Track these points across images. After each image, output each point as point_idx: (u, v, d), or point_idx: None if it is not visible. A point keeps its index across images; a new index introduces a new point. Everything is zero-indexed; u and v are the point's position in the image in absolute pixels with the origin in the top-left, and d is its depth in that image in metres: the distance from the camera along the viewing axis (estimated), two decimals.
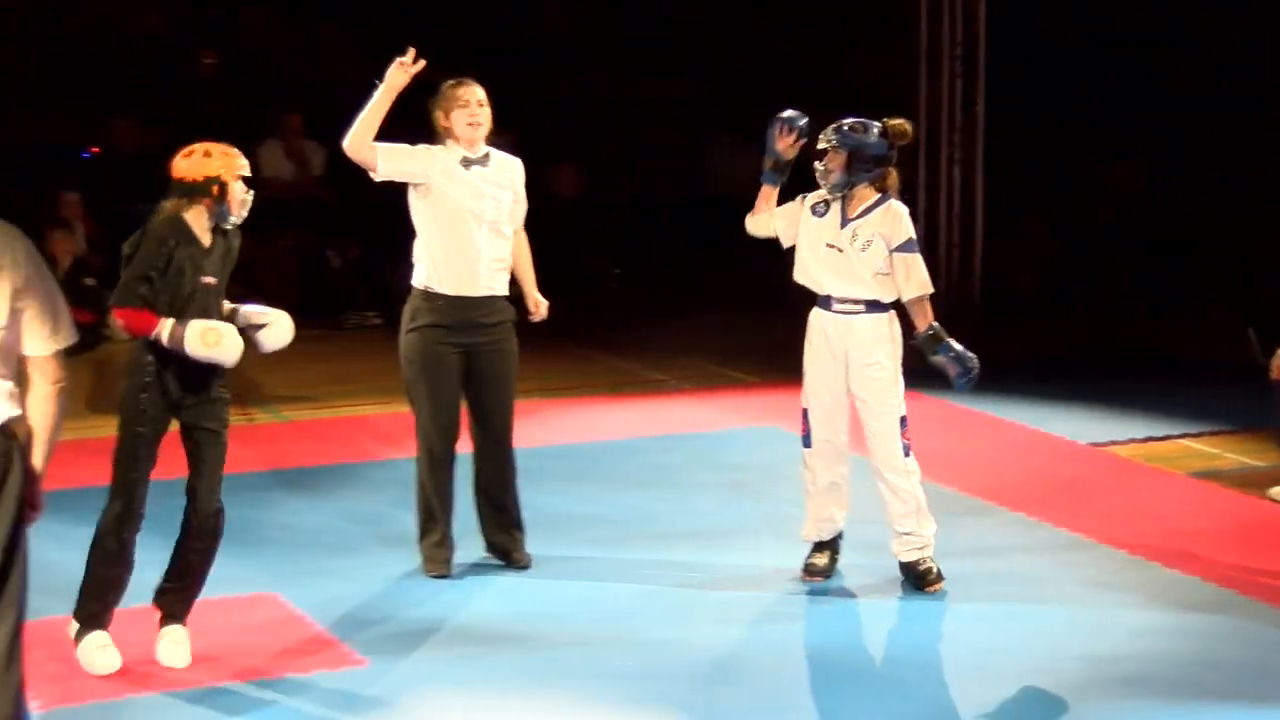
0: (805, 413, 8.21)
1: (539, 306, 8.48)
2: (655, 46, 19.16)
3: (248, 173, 7.12)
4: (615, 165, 17.71)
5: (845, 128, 8.07)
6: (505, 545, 8.38)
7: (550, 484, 9.65)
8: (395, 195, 8.36)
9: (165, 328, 6.81)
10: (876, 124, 8.07)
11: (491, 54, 16.59)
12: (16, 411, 5.00)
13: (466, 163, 8.14)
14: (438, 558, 8.23)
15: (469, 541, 8.37)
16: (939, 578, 8.09)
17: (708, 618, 7.78)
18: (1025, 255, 15.75)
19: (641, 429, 11.31)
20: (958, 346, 8.05)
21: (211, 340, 6.82)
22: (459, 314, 8.10)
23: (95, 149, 6.83)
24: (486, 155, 8.21)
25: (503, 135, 8.63)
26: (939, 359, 8.06)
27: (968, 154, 14.93)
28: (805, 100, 8.45)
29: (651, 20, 19.45)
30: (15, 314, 5.02)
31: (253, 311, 7.19)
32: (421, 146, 8.18)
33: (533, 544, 8.44)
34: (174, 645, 7.11)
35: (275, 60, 17.50)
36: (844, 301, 8.10)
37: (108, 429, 7.13)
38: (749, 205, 8.53)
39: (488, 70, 8.54)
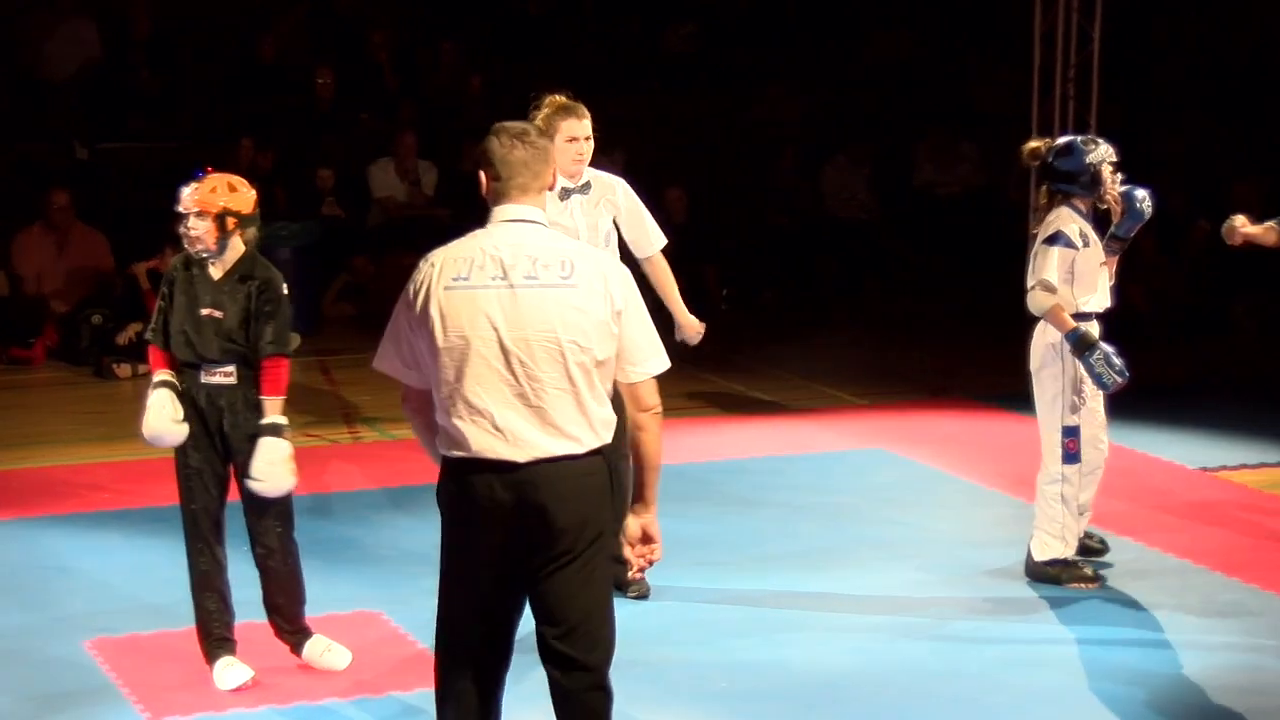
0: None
1: (695, 330, 8.54)
2: (768, 64, 19.23)
3: (195, 206, 7.06)
4: (728, 187, 17.72)
5: None
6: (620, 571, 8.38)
7: (659, 505, 9.67)
8: None
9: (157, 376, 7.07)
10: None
11: (606, 75, 16.80)
12: None
13: (565, 194, 8.01)
14: None
15: None
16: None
17: (808, 640, 7.82)
18: (1137, 271, 15.63)
19: (748, 450, 11.34)
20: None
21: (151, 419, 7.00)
22: None
23: (209, 168, 6.95)
24: (587, 183, 8.14)
25: (610, 156, 8.58)
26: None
27: None
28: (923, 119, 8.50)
29: (764, 39, 19.53)
30: None
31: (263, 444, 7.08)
32: None
33: None
34: (327, 651, 7.25)
35: (391, 79, 17.64)
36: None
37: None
38: (859, 225, 8.53)
39: (599, 91, 8.52)
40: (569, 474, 5.29)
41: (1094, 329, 8.33)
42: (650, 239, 8.35)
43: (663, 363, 5.46)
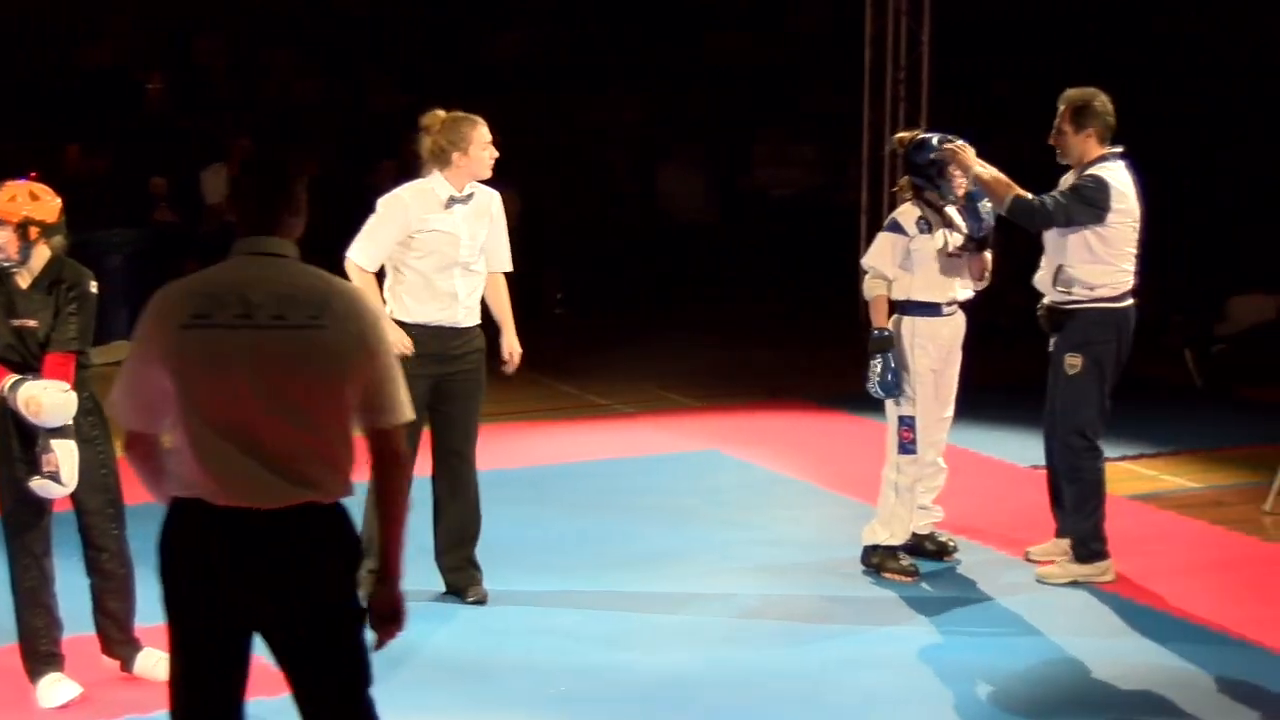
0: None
1: (513, 357, 8.47)
2: (601, 69, 19.26)
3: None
4: (563, 191, 17.71)
5: None
6: (462, 580, 8.36)
7: (493, 509, 9.61)
8: (345, 223, 8.28)
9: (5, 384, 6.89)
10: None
11: (439, 81, 16.72)
12: None
13: (451, 201, 8.06)
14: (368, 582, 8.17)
15: (420, 569, 8.34)
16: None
17: (649, 643, 7.81)
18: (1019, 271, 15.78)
19: (585, 454, 11.33)
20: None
21: (33, 409, 6.82)
22: (432, 344, 8.05)
23: (34, 174, 6.82)
24: (471, 193, 8.14)
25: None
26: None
27: None
28: (758, 121, 8.58)
29: (598, 42, 19.55)
30: None
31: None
32: (394, 212, 8.06)
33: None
34: (160, 662, 7.05)
35: (224, 85, 17.48)
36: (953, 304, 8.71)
37: None
38: (696, 228, 8.63)
39: (432, 97, 8.51)
40: (314, 521, 4.87)
41: (935, 320, 8.54)
42: (505, 256, 8.38)
43: (409, 411, 5.04)
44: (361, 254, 8.04)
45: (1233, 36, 17.51)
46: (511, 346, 8.45)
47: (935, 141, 8.60)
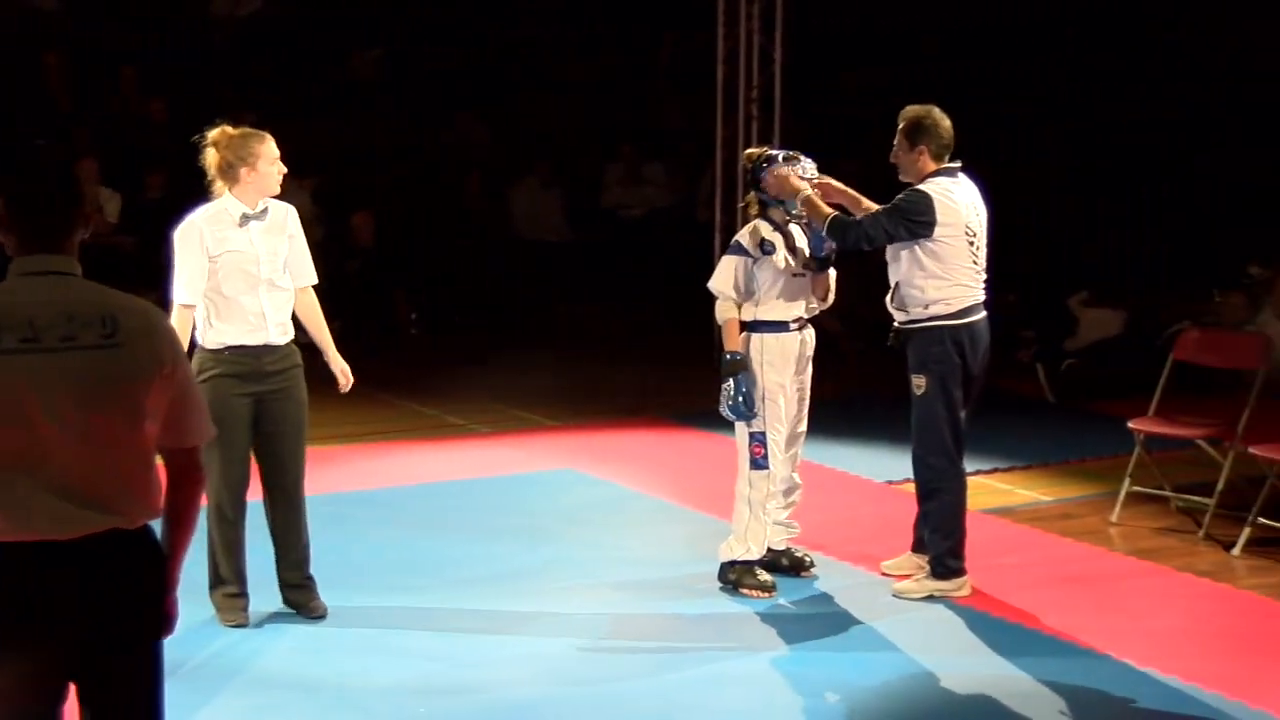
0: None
1: (346, 376, 8.40)
2: (456, 90, 19.22)
3: None
4: (416, 211, 17.65)
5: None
6: (300, 596, 8.30)
7: (349, 530, 9.62)
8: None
9: None
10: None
11: (292, 101, 16.63)
12: None
13: (245, 219, 8.00)
14: (233, 607, 8.14)
15: (265, 590, 8.28)
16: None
17: (502, 662, 7.77)
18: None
19: (440, 474, 11.27)
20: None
21: None
22: (248, 363, 7.99)
23: None
24: (265, 209, 8.07)
25: (299, 182, 8.53)
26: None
27: None
28: (613, 141, 8.58)
29: (452, 64, 19.52)
30: None
31: None
32: (190, 240, 7.95)
33: (331, 590, 8.37)
34: None
35: (65, 103, 17.24)
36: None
37: None
38: (549, 247, 8.63)
39: (286, 117, 8.45)
40: (119, 548, 4.67)
41: (784, 336, 8.59)
42: (309, 270, 8.31)
43: (210, 429, 4.94)
44: (180, 291, 7.96)
45: (1211, 42, 17.72)
46: (339, 365, 8.39)
47: (780, 158, 8.65)
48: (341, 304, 8.50)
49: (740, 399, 8.50)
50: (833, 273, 8.73)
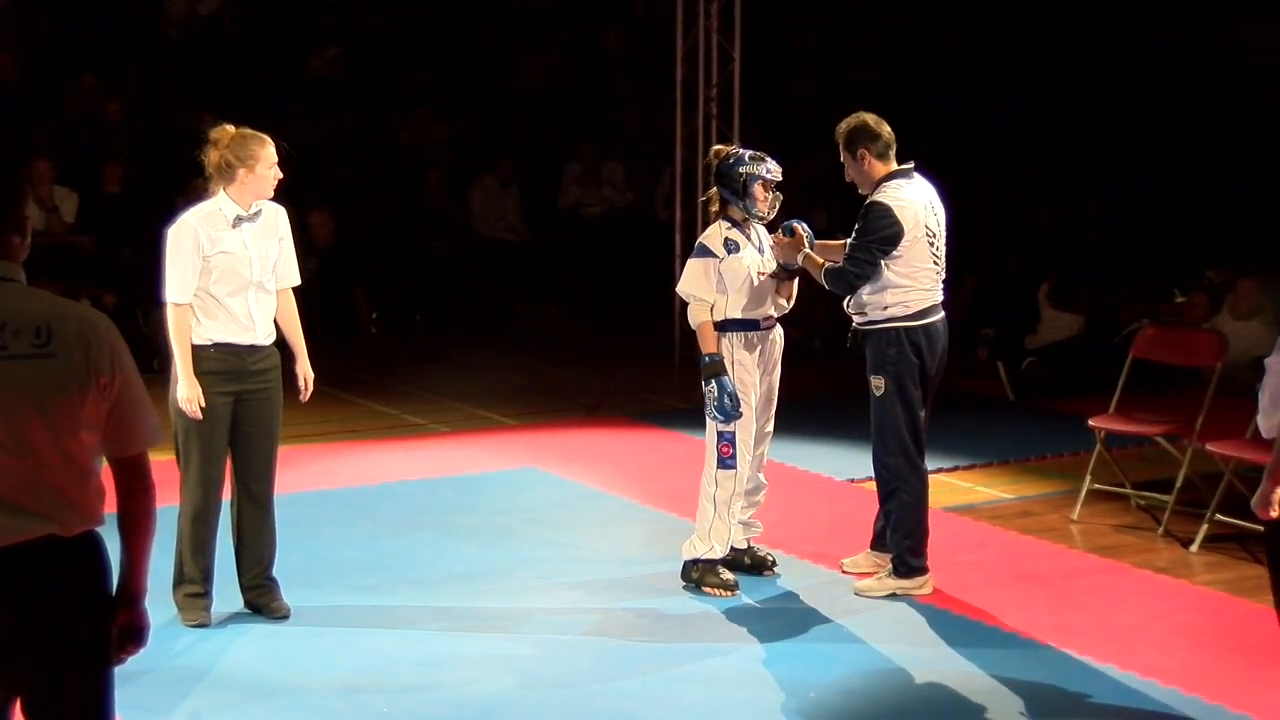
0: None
1: (308, 384, 8.38)
2: (415, 89, 19.21)
3: None
4: (375, 210, 17.62)
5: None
6: (262, 597, 8.28)
7: (311, 530, 9.60)
8: (151, 243, 8.18)
9: None
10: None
11: (249, 99, 16.58)
12: None
13: (238, 221, 8.01)
14: (195, 606, 8.12)
15: (228, 590, 8.27)
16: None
17: (466, 662, 7.77)
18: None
19: (402, 473, 11.26)
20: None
21: None
22: (231, 362, 7.99)
23: None
24: (258, 211, 8.09)
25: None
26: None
27: None
28: (572, 140, 8.58)
29: (410, 62, 19.50)
30: None
31: None
32: (184, 238, 7.95)
33: (293, 591, 8.36)
34: None
35: (19, 102, 17.15)
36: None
37: None
38: (508, 247, 8.62)
39: (243, 116, 8.44)
40: (54, 556, 4.60)
41: (753, 335, 8.64)
42: (293, 271, 8.34)
43: (159, 434, 4.83)
44: (173, 290, 7.95)
45: (1204, 42, 17.77)
46: (306, 373, 8.37)
47: (747, 157, 8.67)
48: (301, 303, 8.48)
49: (726, 399, 8.48)
50: (795, 279, 8.78)
